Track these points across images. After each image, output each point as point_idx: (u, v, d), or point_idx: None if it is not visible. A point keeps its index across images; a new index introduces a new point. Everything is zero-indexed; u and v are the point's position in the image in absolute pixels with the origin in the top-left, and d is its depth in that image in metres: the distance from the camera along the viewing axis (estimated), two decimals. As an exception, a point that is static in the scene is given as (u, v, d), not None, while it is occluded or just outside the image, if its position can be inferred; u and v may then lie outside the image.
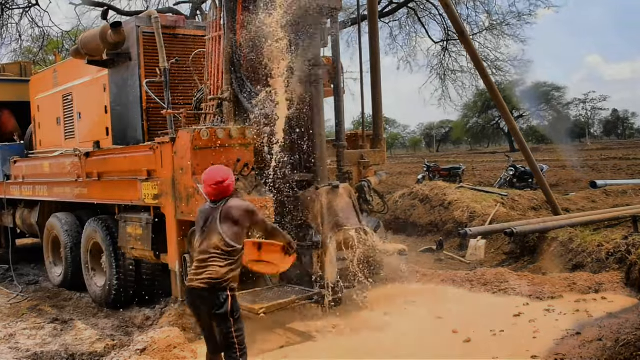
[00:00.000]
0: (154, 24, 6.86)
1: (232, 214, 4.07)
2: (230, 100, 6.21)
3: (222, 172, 4.22)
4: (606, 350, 4.63)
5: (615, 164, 25.13)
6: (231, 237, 4.04)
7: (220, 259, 4.00)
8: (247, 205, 4.23)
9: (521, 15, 18.22)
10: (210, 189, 4.14)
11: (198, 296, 4.03)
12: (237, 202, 4.18)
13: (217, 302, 3.96)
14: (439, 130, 76.88)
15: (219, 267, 3.99)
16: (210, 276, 3.97)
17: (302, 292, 5.97)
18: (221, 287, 3.99)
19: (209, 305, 3.99)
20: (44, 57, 21.64)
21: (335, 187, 6.19)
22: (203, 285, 3.98)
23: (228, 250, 4.02)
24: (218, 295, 3.97)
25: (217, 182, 4.11)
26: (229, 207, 4.10)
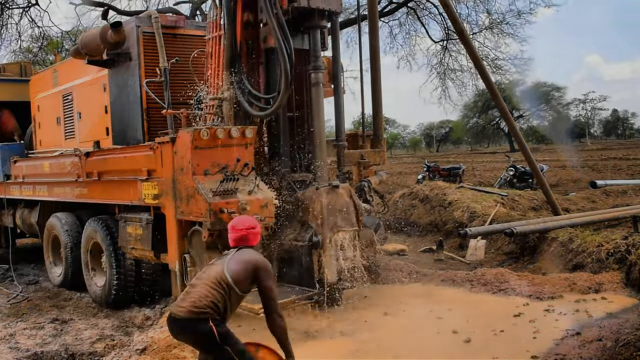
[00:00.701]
0: (154, 23, 6.87)
1: (244, 257, 3.82)
2: (230, 100, 6.21)
3: (253, 220, 4.10)
4: (606, 350, 4.64)
5: (615, 164, 25.14)
6: (232, 274, 3.71)
7: (211, 288, 3.66)
8: (264, 259, 3.91)
9: (521, 14, 18.21)
10: (237, 234, 3.93)
11: (179, 327, 3.69)
12: (257, 254, 3.92)
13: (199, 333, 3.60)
14: (439, 130, 76.89)
15: (206, 295, 3.63)
16: (193, 303, 3.61)
17: (302, 292, 5.97)
18: (201, 318, 3.59)
19: (191, 338, 3.70)
20: (44, 57, 21.63)
21: (335, 187, 6.19)
22: (183, 315, 3.62)
23: (222, 283, 3.68)
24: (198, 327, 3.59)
25: (248, 227, 3.95)
26: (244, 250, 3.90)
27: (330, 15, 6.37)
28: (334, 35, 6.93)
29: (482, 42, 18.81)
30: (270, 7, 5.79)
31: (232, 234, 3.98)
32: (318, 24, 6.27)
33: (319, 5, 6.08)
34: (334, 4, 6.24)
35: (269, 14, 5.79)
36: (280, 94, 5.84)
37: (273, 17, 5.77)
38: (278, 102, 5.91)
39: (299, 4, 5.94)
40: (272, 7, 5.81)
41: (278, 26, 5.77)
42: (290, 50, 5.76)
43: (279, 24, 5.78)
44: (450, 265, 8.90)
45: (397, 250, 9.55)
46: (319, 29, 6.35)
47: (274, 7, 5.82)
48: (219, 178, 5.53)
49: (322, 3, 6.11)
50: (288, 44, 5.76)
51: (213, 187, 5.45)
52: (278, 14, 5.82)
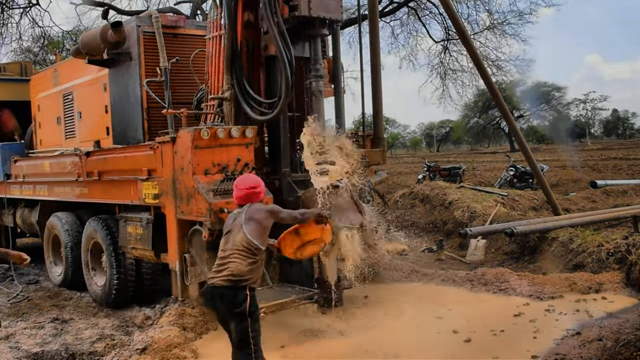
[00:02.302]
0: (155, 23, 6.87)
1: (256, 215, 4.22)
2: (231, 99, 6.22)
3: (255, 179, 4.48)
4: (606, 350, 4.64)
5: (615, 164, 25.13)
6: (254, 236, 4.13)
7: (242, 257, 4.07)
8: (270, 206, 4.49)
9: (522, 14, 18.20)
10: (241, 193, 4.33)
11: (218, 294, 4.06)
12: (260, 205, 4.38)
13: (236, 301, 4.00)
14: (439, 130, 76.86)
15: (240, 264, 4.05)
16: (232, 272, 4.03)
17: (302, 292, 5.97)
18: (241, 286, 4.02)
19: (227, 304, 4.03)
20: (45, 57, 21.64)
21: (335, 187, 6.19)
22: (223, 283, 4.03)
23: (250, 248, 4.09)
24: (237, 293, 4.01)
25: (250, 187, 4.33)
26: (254, 209, 4.27)
27: (331, 23, 6.39)
28: (334, 36, 6.93)
29: (482, 43, 18.83)
30: (271, 15, 5.81)
31: (235, 193, 4.39)
32: (319, 32, 6.29)
33: (320, 14, 6.09)
34: (335, 12, 6.26)
35: (270, 22, 5.81)
36: (281, 100, 5.88)
37: (274, 26, 5.79)
38: (278, 109, 5.95)
39: (300, 12, 5.95)
40: (273, 15, 5.83)
41: (279, 34, 5.80)
42: (290, 57, 5.80)
43: (279, 32, 5.81)
44: (450, 265, 8.90)
45: (397, 250, 9.54)
46: (320, 37, 6.37)
47: (275, 15, 5.84)
48: (219, 178, 5.53)
49: (323, 12, 6.13)
50: (289, 52, 5.80)
51: (213, 187, 5.46)
52: (279, 22, 5.84)
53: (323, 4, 6.11)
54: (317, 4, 6.04)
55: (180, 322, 5.73)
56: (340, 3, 6.40)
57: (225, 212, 5.36)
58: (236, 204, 4.43)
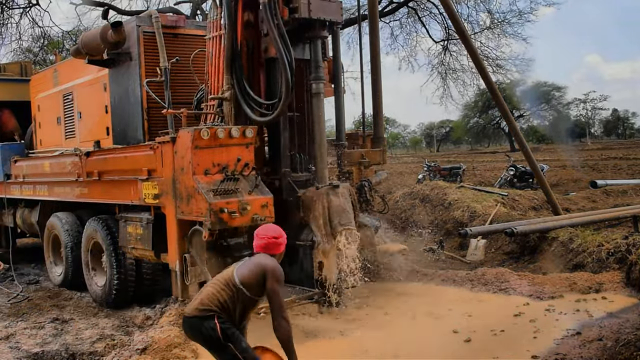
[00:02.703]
0: (155, 23, 6.87)
1: (256, 261, 3.88)
2: (231, 99, 6.22)
3: (278, 230, 4.10)
4: (606, 350, 4.64)
5: (615, 164, 25.14)
6: (240, 276, 3.79)
7: (220, 289, 3.78)
8: (275, 265, 3.88)
9: (522, 13, 18.20)
10: (260, 241, 3.97)
11: (188, 326, 3.85)
12: (268, 257, 3.93)
13: (206, 331, 3.71)
14: (439, 130, 76.86)
15: (213, 294, 3.76)
16: (201, 301, 3.76)
17: (302, 292, 5.98)
18: (208, 316, 3.71)
19: (198, 334, 3.78)
20: (44, 57, 21.64)
21: (335, 187, 6.20)
22: (192, 313, 3.77)
23: (231, 286, 3.77)
24: (204, 323, 3.71)
25: (270, 237, 3.97)
26: (260, 256, 3.93)
27: (331, 25, 6.39)
28: (334, 37, 6.93)
29: (483, 42, 18.83)
30: (271, 17, 5.82)
31: (255, 241, 4.03)
32: (319, 34, 6.30)
33: (320, 16, 6.11)
34: (334, 14, 6.27)
35: (270, 25, 5.82)
36: (281, 101, 5.89)
37: (274, 28, 5.81)
38: (279, 110, 5.97)
39: (300, 14, 5.97)
40: (274, 17, 5.84)
41: (279, 36, 5.82)
42: (290, 59, 5.81)
43: (280, 34, 5.83)
44: (450, 264, 8.90)
45: (397, 250, 9.53)
46: (320, 39, 6.37)
47: (275, 17, 5.85)
48: (220, 178, 5.53)
49: (323, 14, 6.14)
50: (289, 54, 5.81)
51: (213, 187, 5.46)
52: (279, 24, 5.85)
53: (323, 6, 6.12)
54: (317, 6, 6.05)
55: (180, 322, 5.70)
56: (340, 5, 6.43)
57: (226, 212, 5.36)
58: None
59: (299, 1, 5.94)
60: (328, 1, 6.25)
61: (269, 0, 5.83)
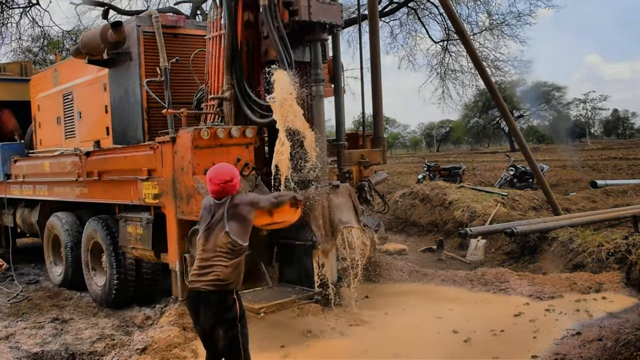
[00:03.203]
0: (155, 23, 6.87)
1: (239, 211, 3.97)
2: (231, 99, 6.22)
3: (229, 170, 4.11)
4: (606, 350, 4.64)
5: (615, 164, 25.14)
6: (238, 235, 3.92)
7: (226, 259, 3.88)
8: (250, 198, 4.18)
9: (521, 15, 18.20)
10: (216, 187, 4.01)
11: (203, 300, 3.86)
12: (242, 198, 4.08)
13: (225, 307, 3.83)
14: (439, 130, 76.85)
15: (225, 267, 3.86)
16: (218, 277, 3.84)
17: (302, 292, 5.96)
18: (228, 290, 3.86)
19: (215, 310, 3.84)
20: (44, 57, 21.64)
21: (335, 187, 6.19)
22: (209, 288, 3.83)
23: (234, 249, 3.90)
24: (226, 298, 3.84)
25: (225, 181, 4.00)
26: (235, 205, 3.99)
27: (331, 28, 6.40)
28: (334, 37, 6.92)
29: (482, 43, 18.83)
30: (271, 20, 5.82)
31: (209, 186, 4.06)
32: (319, 37, 6.29)
33: (320, 19, 6.10)
34: (335, 17, 6.27)
35: (270, 27, 5.82)
36: None
37: (274, 31, 5.81)
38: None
39: (300, 17, 5.95)
40: (274, 20, 5.83)
41: (279, 39, 5.82)
42: (290, 61, 5.81)
43: (280, 36, 5.83)
44: (450, 265, 8.90)
45: (397, 250, 9.55)
46: (320, 41, 6.37)
47: (275, 20, 5.85)
48: (219, 178, 5.51)
49: (323, 16, 6.13)
50: (289, 56, 5.81)
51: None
52: (279, 27, 5.85)
53: (323, 8, 6.12)
54: (317, 9, 6.04)
55: (180, 322, 5.73)
56: (340, 8, 6.43)
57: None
58: None
59: (299, 4, 5.93)
60: (328, 4, 6.25)
61: (269, 3, 5.83)
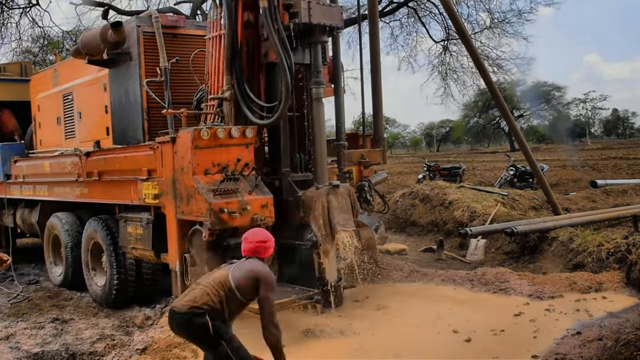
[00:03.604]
0: (155, 23, 6.87)
1: (249, 266, 3.93)
2: (231, 99, 6.22)
3: (266, 233, 4.18)
4: (606, 349, 4.64)
5: (615, 164, 25.13)
6: (235, 280, 3.85)
7: (214, 289, 3.81)
8: (267, 271, 3.97)
9: (522, 13, 18.21)
10: (248, 245, 4.05)
11: (175, 321, 3.84)
12: (260, 262, 4.03)
13: (196, 328, 3.73)
14: (439, 130, 76.85)
15: (207, 294, 3.79)
16: (193, 299, 3.78)
17: (302, 291, 5.97)
18: (199, 313, 3.73)
19: (186, 330, 3.81)
20: (44, 57, 21.64)
21: (335, 187, 6.20)
22: (181, 309, 3.77)
23: (226, 288, 3.83)
24: (194, 320, 3.73)
25: (259, 241, 4.06)
26: (252, 260, 4.00)
27: (331, 30, 6.40)
28: (334, 38, 6.93)
29: (483, 42, 18.83)
30: (271, 22, 5.82)
31: (244, 245, 4.12)
32: (319, 39, 6.30)
33: (320, 21, 6.11)
34: (335, 19, 6.27)
35: (270, 30, 5.82)
36: (281, 105, 5.89)
37: (274, 33, 5.81)
38: (278, 114, 5.96)
39: (300, 19, 5.96)
40: (274, 22, 5.83)
41: (279, 41, 5.82)
42: (290, 63, 5.81)
43: (280, 39, 5.83)
44: (450, 264, 8.90)
45: (397, 250, 9.55)
46: (320, 44, 6.37)
47: (275, 22, 5.85)
48: (219, 178, 5.53)
49: (323, 19, 6.14)
50: (289, 59, 5.81)
51: (213, 187, 5.46)
52: (279, 29, 5.85)
53: (323, 11, 6.13)
54: (317, 11, 6.05)
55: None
56: (340, 10, 6.44)
57: (226, 212, 5.36)
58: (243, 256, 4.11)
59: (299, 6, 5.94)
60: (328, 6, 6.26)
61: (269, 5, 5.83)
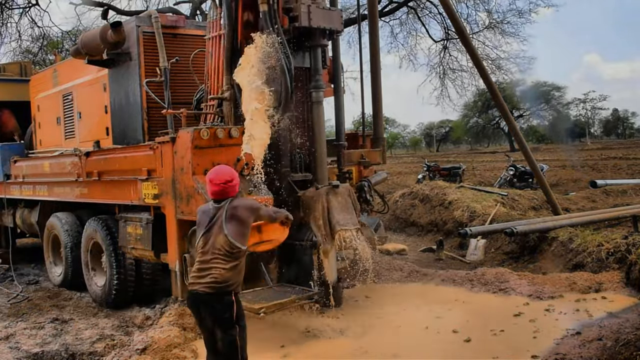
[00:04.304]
0: (154, 23, 6.87)
1: (238, 214, 3.98)
2: (231, 99, 6.22)
3: (229, 171, 4.15)
4: (606, 349, 4.64)
5: (615, 164, 25.14)
6: (236, 238, 3.92)
7: (224, 261, 3.89)
8: (251, 203, 4.19)
9: (522, 13, 18.20)
10: (216, 188, 4.04)
11: (201, 301, 3.91)
12: (241, 201, 4.11)
13: (222, 308, 3.86)
14: (439, 130, 76.85)
15: (223, 269, 3.87)
16: (215, 279, 3.86)
17: (302, 291, 5.97)
18: (226, 292, 3.87)
19: (212, 311, 3.89)
20: (44, 57, 21.64)
21: (335, 187, 6.20)
22: (207, 290, 3.86)
23: (233, 251, 3.91)
24: (223, 299, 3.86)
25: (226, 181, 4.03)
26: (234, 207, 4.01)
27: (331, 33, 6.40)
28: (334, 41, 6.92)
29: (482, 42, 18.83)
30: (271, 26, 5.81)
31: (210, 187, 4.10)
32: (319, 42, 6.29)
33: (320, 25, 6.10)
34: (335, 23, 6.27)
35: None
36: (281, 107, 5.87)
37: None
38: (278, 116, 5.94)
39: (300, 23, 5.95)
40: (274, 26, 5.83)
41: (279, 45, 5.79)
42: (290, 67, 5.81)
43: (280, 43, 5.81)
44: (450, 264, 8.90)
45: (397, 250, 9.55)
46: (320, 47, 6.37)
47: (275, 26, 5.84)
48: (219, 178, 5.51)
49: (324, 22, 6.14)
50: (289, 63, 5.81)
51: (213, 187, 5.44)
52: (279, 33, 5.84)
53: (323, 14, 6.13)
54: (317, 15, 6.05)
55: (180, 322, 5.73)
56: (340, 14, 6.44)
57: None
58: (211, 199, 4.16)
59: (299, 10, 5.93)
60: (328, 10, 6.26)
61: (269, 9, 5.83)
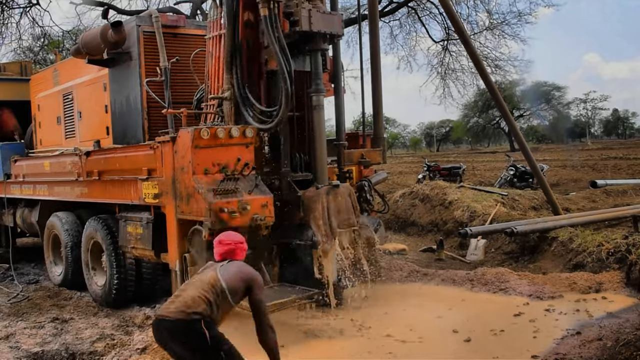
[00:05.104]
0: (155, 23, 6.87)
1: (238, 268, 3.87)
2: (231, 99, 6.22)
3: (240, 235, 4.16)
4: (606, 349, 4.64)
5: (615, 164, 25.13)
6: (227, 281, 3.74)
7: (205, 291, 3.68)
8: (256, 273, 3.95)
9: (521, 14, 18.22)
10: (226, 248, 4.00)
11: (166, 329, 3.63)
12: (245, 264, 3.99)
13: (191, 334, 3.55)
14: (439, 130, 76.91)
15: (199, 295, 3.65)
16: (185, 303, 3.61)
17: (303, 291, 5.97)
18: (195, 318, 3.56)
19: (180, 339, 3.59)
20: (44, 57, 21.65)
21: (335, 187, 6.20)
22: (173, 316, 3.58)
23: (217, 289, 3.70)
24: (190, 325, 3.56)
25: (238, 242, 4.04)
26: (235, 262, 3.94)
27: (331, 38, 6.40)
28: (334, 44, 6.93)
29: (482, 43, 18.84)
30: (272, 30, 5.82)
31: (219, 248, 4.04)
32: (319, 47, 6.30)
33: (321, 29, 6.11)
34: (335, 27, 6.28)
35: (271, 38, 5.83)
36: (281, 110, 5.89)
37: (275, 41, 5.81)
38: (278, 119, 5.96)
39: (301, 27, 5.96)
40: (274, 30, 5.84)
41: (280, 50, 5.82)
42: (290, 70, 5.82)
43: (280, 47, 5.83)
44: (450, 264, 8.90)
45: (397, 250, 9.56)
46: (321, 51, 6.37)
47: (276, 30, 5.85)
48: (219, 178, 5.53)
49: (324, 27, 6.14)
50: (289, 66, 5.82)
51: (213, 187, 5.45)
52: (280, 37, 5.85)
53: (324, 19, 6.14)
54: (317, 19, 6.06)
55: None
56: (340, 18, 6.46)
57: (226, 212, 5.36)
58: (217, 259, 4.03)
59: (300, 14, 5.94)
60: (329, 14, 6.26)
61: (270, 13, 5.83)
